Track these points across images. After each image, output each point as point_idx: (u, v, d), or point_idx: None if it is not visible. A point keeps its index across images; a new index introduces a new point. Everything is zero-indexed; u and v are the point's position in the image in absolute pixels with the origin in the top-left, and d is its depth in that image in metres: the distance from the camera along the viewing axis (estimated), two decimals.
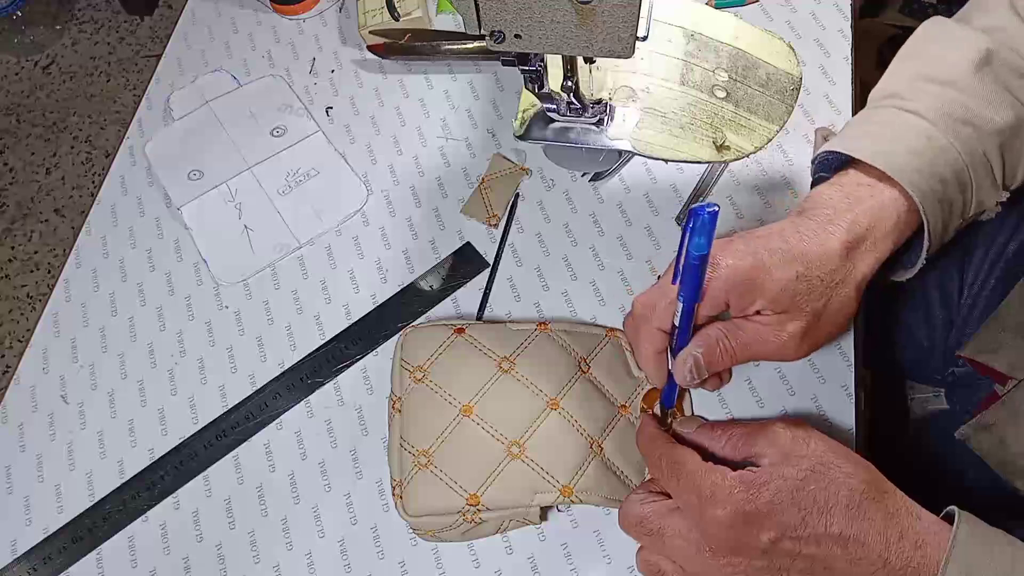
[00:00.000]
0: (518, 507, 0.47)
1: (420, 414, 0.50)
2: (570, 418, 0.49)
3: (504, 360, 0.51)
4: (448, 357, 0.52)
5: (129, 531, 0.53)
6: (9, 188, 1.57)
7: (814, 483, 0.38)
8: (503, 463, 0.48)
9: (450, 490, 0.47)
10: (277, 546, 0.51)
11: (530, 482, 0.47)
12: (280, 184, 0.64)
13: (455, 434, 0.49)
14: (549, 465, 0.48)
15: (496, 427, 0.49)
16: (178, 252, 0.63)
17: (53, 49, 1.72)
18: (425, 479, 0.48)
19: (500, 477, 0.47)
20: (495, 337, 0.53)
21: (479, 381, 0.50)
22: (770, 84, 0.59)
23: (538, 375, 0.51)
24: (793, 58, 0.60)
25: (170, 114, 0.69)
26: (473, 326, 0.53)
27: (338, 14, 0.73)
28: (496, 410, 0.49)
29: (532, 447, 0.48)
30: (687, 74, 0.60)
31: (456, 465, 0.48)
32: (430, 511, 0.47)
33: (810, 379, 0.52)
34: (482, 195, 0.61)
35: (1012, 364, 0.53)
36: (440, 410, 0.50)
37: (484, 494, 0.47)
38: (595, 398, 0.51)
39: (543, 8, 0.43)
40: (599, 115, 0.59)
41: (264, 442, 0.55)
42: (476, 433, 0.49)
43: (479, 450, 0.48)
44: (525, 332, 0.53)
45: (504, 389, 0.50)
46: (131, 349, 0.59)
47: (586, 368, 0.52)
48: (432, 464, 0.48)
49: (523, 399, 0.50)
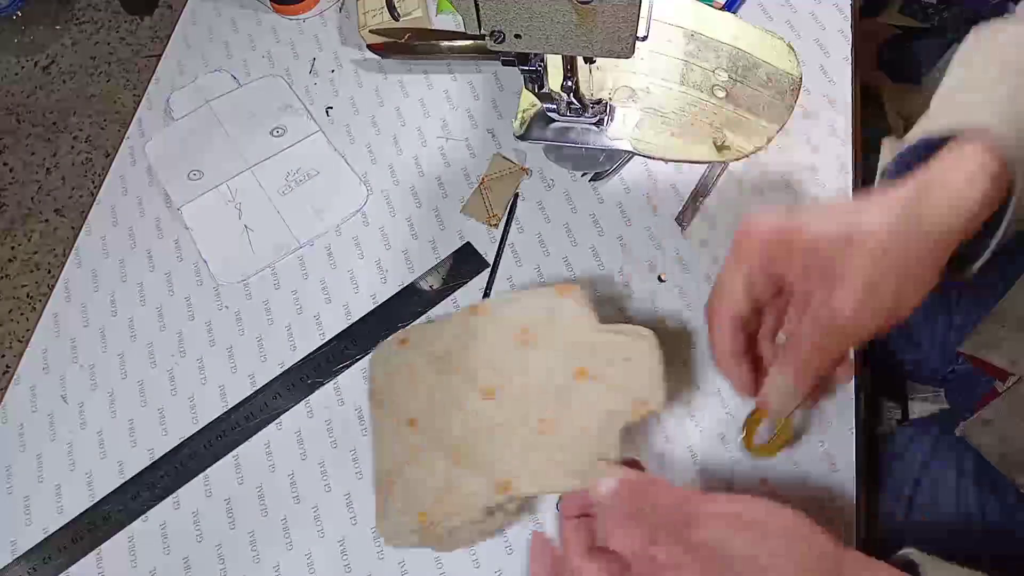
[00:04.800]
0: (467, 516, 0.44)
1: (380, 438, 0.49)
2: (510, 403, 0.45)
3: (440, 359, 0.48)
4: (395, 373, 0.50)
5: (129, 531, 0.53)
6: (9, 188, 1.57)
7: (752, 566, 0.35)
8: (448, 473, 0.45)
9: (406, 512, 0.46)
10: (277, 546, 0.51)
11: (472, 485, 0.44)
12: (280, 184, 0.64)
13: (406, 453, 0.47)
14: (489, 462, 0.44)
15: (438, 435, 0.46)
16: (178, 252, 0.63)
17: (53, 49, 1.72)
18: (389, 506, 0.47)
19: (444, 488, 0.45)
20: (433, 337, 0.50)
21: (422, 390, 0.48)
22: (770, 84, 0.59)
23: (471, 365, 0.47)
24: (793, 58, 0.60)
25: (170, 114, 0.69)
26: (416, 331, 0.51)
27: (338, 14, 0.73)
28: (437, 417, 0.47)
29: (469, 448, 0.45)
30: (687, 74, 0.60)
31: (410, 485, 0.46)
32: (395, 536, 0.47)
33: None
34: (482, 195, 0.61)
35: (1012, 360, 0.53)
36: (393, 430, 0.48)
37: (434, 508, 0.45)
38: (542, 370, 0.45)
39: (543, 8, 0.43)
40: (599, 115, 0.59)
41: (264, 442, 0.55)
42: (423, 447, 0.46)
43: (428, 465, 0.46)
44: (460, 322, 0.49)
45: (442, 392, 0.47)
46: (131, 349, 0.59)
47: (527, 339, 0.46)
48: (392, 489, 0.47)
49: (457, 398, 0.46)
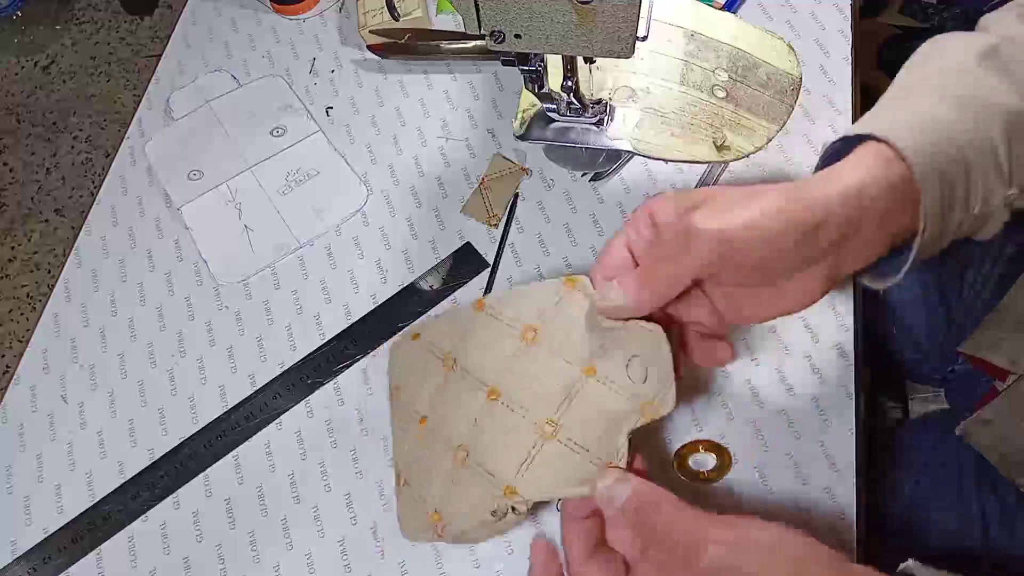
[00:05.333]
0: (476, 518, 0.43)
1: (398, 434, 0.49)
2: (513, 404, 0.43)
3: (447, 357, 0.47)
4: (410, 367, 0.50)
5: (129, 531, 0.53)
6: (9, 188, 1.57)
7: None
8: (453, 473, 0.44)
9: (420, 510, 0.45)
10: (277, 546, 0.51)
11: (478, 488, 0.43)
12: (280, 184, 0.64)
13: (418, 449, 0.47)
14: (493, 465, 0.43)
15: (445, 434, 0.45)
16: (178, 252, 0.63)
17: (53, 49, 1.72)
18: (405, 502, 0.47)
19: (452, 488, 0.44)
20: (442, 332, 0.49)
21: (430, 387, 0.47)
22: (770, 84, 0.59)
23: (476, 364, 0.45)
24: (793, 58, 0.60)
25: (170, 114, 0.69)
26: (427, 326, 0.50)
27: (338, 14, 0.73)
28: (444, 416, 0.46)
29: (474, 449, 0.44)
30: (687, 74, 0.60)
31: (421, 482, 0.46)
32: (413, 533, 0.46)
33: (810, 379, 0.52)
34: (482, 195, 0.61)
35: (1012, 359, 0.53)
36: (408, 426, 0.48)
37: (443, 510, 0.44)
38: (547, 369, 0.44)
39: (543, 8, 0.43)
40: (599, 115, 0.59)
41: (264, 442, 0.55)
42: (431, 445, 0.46)
43: (435, 463, 0.45)
44: (464, 317, 0.48)
45: (450, 390, 0.46)
46: (131, 349, 0.59)
47: (533, 336, 0.44)
48: (407, 485, 0.47)
49: (464, 397, 0.45)
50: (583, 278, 0.44)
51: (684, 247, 0.38)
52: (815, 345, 0.53)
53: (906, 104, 0.41)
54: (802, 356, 0.53)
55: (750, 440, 0.51)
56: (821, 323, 0.54)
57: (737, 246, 0.37)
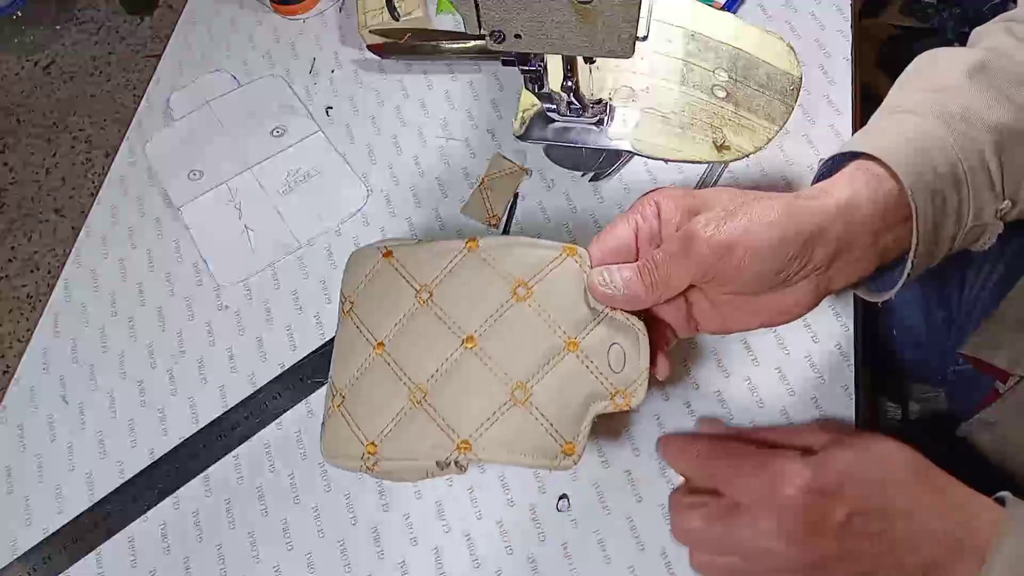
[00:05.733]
0: (415, 461, 0.42)
1: (343, 350, 0.46)
2: (487, 358, 0.42)
3: (423, 288, 0.45)
4: (373, 285, 0.47)
5: (129, 531, 0.53)
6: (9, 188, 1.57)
7: (868, 462, 0.39)
8: (406, 411, 0.43)
9: (353, 436, 0.44)
10: (277, 546, 0.51)
11: (431, 434, 0.42)
12: (280, 184, 0.64)
13: (366, 375, 0.44)
14: (451, 415, 0.42)
15: (405, 369, 0.43)
16: (178, 252, 0.63)
17: (53, 49, 1.72)
18: (336, 422, 0.45)
19: (401, 427, 0.42)
20: (421, 261, 0.46)
21: (396, 314, 0.45)
22: (770, 84, 0.59)
23: (457, 306, 0.44)
24: (793, 58, 0.60)
25: (170, 114, 0.69)
26: (401, 247, 0.47)
27: (338, 14, 0.73)
28: (407, 349, 0.44)
29: (437, 393, 0.42)
30: (687, 74, 0.60)
31: (362, 409, 0.44)
32: (337, 455, 0.44)
33: (810, 379, 0.52)
34: (482, 195, 0.61)
35: (1013, 360, 0.53)
36: (357, 347, 0.45)
37: (383, 445, 0.42)
38: (531, 330, 0.42)
39: (543, 8, 0.43)
40: (599, 115, 0.59)
41: (264, 442, 0.55)
42: (385, 375, 0.44)
43: (386, 395, 0.43)
44: (451, 253, 0.45)
45: (419, 325, 0.44)
46: (131, 349, 0.59)
47: (524, 293, 0.43)
48: (343, 406, 0.45)
49: (435, 336, 0.43)
50: (583, 250, 0.43)
51: (685, 251, 0.39)
52: (815, 345, 0.53)
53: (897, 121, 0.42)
54: (802, 356, 0.53)
55: None
56: (821, 323, 0.54)
57: (737, 254, 0.37)
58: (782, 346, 0.53)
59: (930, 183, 0.39)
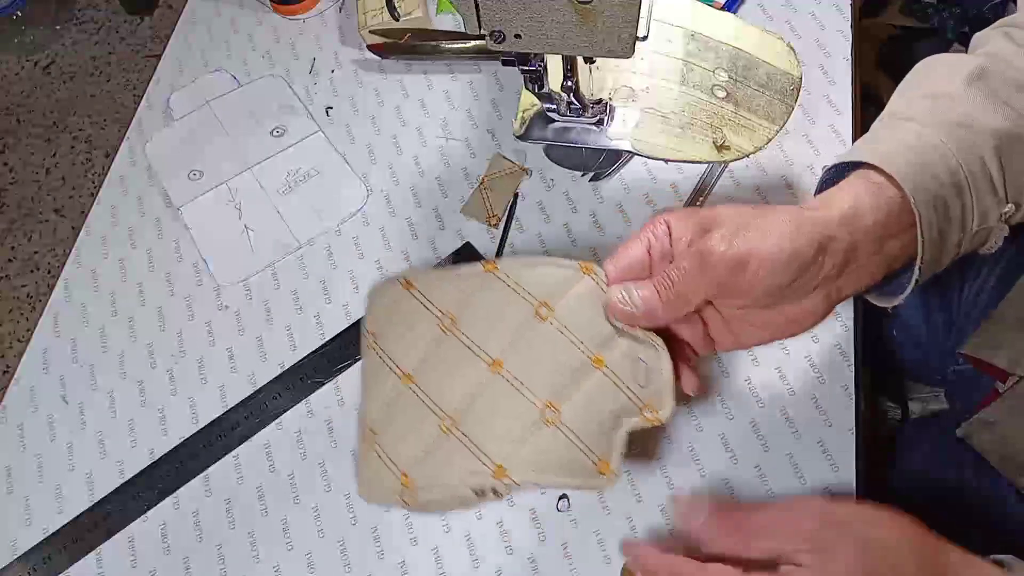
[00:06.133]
0: (450, 489, 0.41)
1: (369, 385, 0.46)
2: (515, 380, 0.42)
3: (445, 315, 0.45)
4: (396, 317, 0.46)
5: (129, 531, 0.53)
6: (9, 188, 1.57)
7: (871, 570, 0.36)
8: (437, 440, 0.42)
9: (386, 468, 0.43)
10: (277, 546, 0.51)
11: (463, 462, 0.41)
12: (280, 184, 0.64)
13: (395, 406, 0.44)
14: (483, 440, 0.41)
15: (433, 397, 0.43)
16: (178, 252, 0.63)
17: (53, 49, 1.72)
18: (369, 458, 0.44)
19: (434, 456, 0.42)
20: (441, 288, 0.46)
21: (421, 343, 0.45)
22: (770, 84, 0.59)
23: (480, 330, 0.43)
24: (793, 58, 0.60)
25: (170, 114, 0.69)
26: (422, 277, 0.47)
27: (338, 14, 0.73)
28: (434, 377, 0.44)
29: (466, 419, 0.42)
30: (687, 74, 0.60)
31: (393, 441, 0.43)
32: (372, 490, 0.44)
33: (810, 379, 0.52)
34: (482, 195, 0.61)
35: (1013, 360, 0.53)
36: (384, 379, 0.45)
37: (416, 474, 0.42)
38: (556, 349, 0.42)
39: (543, 8, 0.43)
40: (599, 115, 0.59)
41: (264, 442, 0.55)
42: (414, 405, 0.43)
43: (416, 425, 0.43)
44: (470, 278, 0.45)
45: (444, 352, 0.44)
46: (131, 349, 0.59)
47: (546, 312, 0.43)
48: (376, 442, 0.44)
49: (460, 362, 0.43)
50: (599, 268, 0.43)
51: (700, 267, 0.39)
52: (815, 345, 0.53)
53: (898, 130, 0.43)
54: (802, 356, 0.53)
55: (750, 440, 0.51)
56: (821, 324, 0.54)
57: (751, 268, 0.38)
58: (782, 346, 0.53)
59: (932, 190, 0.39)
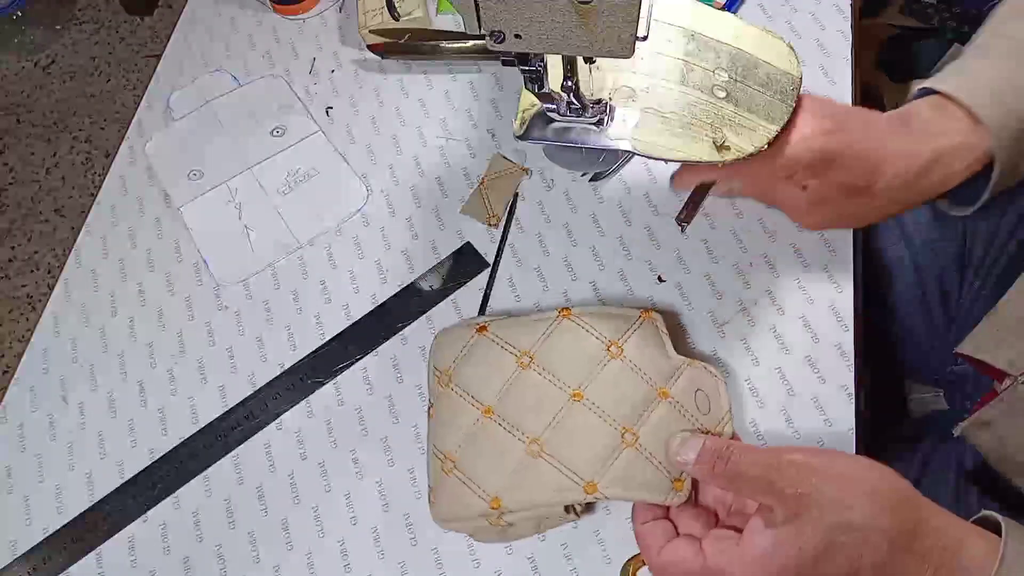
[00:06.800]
0: (542, 508, 0.46)
1: (446, 419, 0.49)
2: (595, 408, 0.47)
3: (523, 355, 0.50)
4: (470, 357, 0.51)
5: (129, 531, 0.53)
6: (9, 188, 1.57)
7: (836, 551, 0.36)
8: (524, 463, 0.46)
9: (473, 495, 0.46)
10: (277, 546, 0.51)
11: (553, 480, 0.45)
12: (280, 184, 0.64)
13: (477, 437, 0.48)
14: (571, 461, 0.46)
15: (517, 426, 0.47)
16: (178, 252, 0.63)
17: (53, 49, 1.72)
18: (450, 485, 0.47)
19: (522, 478, 0.46)
20: (517, 331, 0.51)
21: (499, 380, 0.49)
22: (770, 84, 0.59)
23: (559, 366, 0.49)
24: (793, 58, 0.60)
25: (170, 114, 0.69)
26: (496, 322, 0.52)
27: (338, 14, 0.73)
28: (516, 409, 0.48)
29: (553, 443, 0.46)
30: (687, 74, 0.60)
31: (478, 469, 0.47)
32: (456, 517, 0.47)
33: (810, 379, 0.52)
34: (482, 195, 0.61)
35: (1011, 361, 0.53)
36: (463, 413, 0.49)
37: (506, 497, 0.46)
38: (628, 383, 0.48)
39: (543, 8, 0.43)
40: (599, 115, 0.59)
41: (264, 442, 0.55)
42: (497, 434, 0.48)
43: (500, 452, 0.47)
44: (546, 322, 0.51)
45: (524, 386, 0.49)
46: (131, 349, 0.59)
47: (617, 351, 0.49)
48: (456, 469, 0.47)
49: (543, 394, 0.48)
50: (656, 314, 0.51)
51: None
52: (815, 345, 0.53)
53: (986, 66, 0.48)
54: (802, 356, 0.53)
55: (750, 440, 0.51)
56: (821, 323, 0.54)
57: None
58: (782, 346, 0.53)
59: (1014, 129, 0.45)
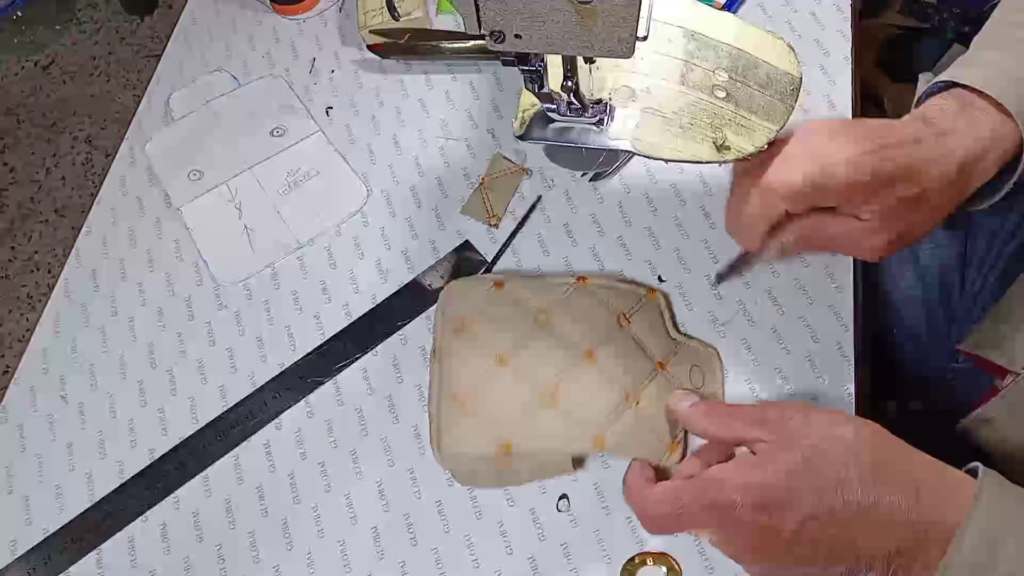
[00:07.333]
0: (549, 455, 0.48)
1: (458, 363, 0.52)
2: (606, 369, 0.50)
3: (540, 312, 0.52)
4: (487, 310, 0.53)
5: (129, 531, 0.53)
6: (9, 188, 1.57)
7: (820, 460, 0.37)
8: (536, 412, 0.49)
9: (483, 434, 0.49)
10: (277, 546, 0.51)
11: (562, 431, 0.48)
12: (280, 184, 0.64)
13: (491, 382, 0.50)
14: (581, 414, 0.49)
15: (531, 377, 0.50)
16: (178, 252, 0.63)
17: (53, 49, 1.72)
18: (460, 423, 0.50)
19: (532, 425, 0.49)
20: (534, 290, 0.54)
21: (516, 333, 0.52)
22: (770, 84, 0.59)
23: (574, 327, 0.52)
24: (793, 58, 0.60)
25: (170, 114, 0.69)
26: (512, 280, 0.55)
27: (338, 14, 0.73)
28: (531, 361, 0.51)
29: (565, 397, 0.49)
30: (687, 74, 0.60)
31: (490, 411, 0.49)
32: (463, 454, 0.49)
33: (810, 379, 0.52)
34: (482, 195, 0.61)
35: (1012, 358, 0.53)
36: (477, 359, 0.51)
37: (516, 440, 0.48)
38: (633, 353, 0.51)
39: (543, 8, 0.43)
40: (599, 115, 0.59)
41: (264, 442, 0.55)
42: (511, 382, 0.50)
43: (513, 399, 0.50)
44: (563, 285, 0.54)
45: (540, 341, 0.51)
46: (131, 349, 0.59)
47: (625, 323, 0.52)
48: (467, 409, 0.50)
49: (558, 350, 0.51)
50: (661, 292, 0.55)
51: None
52: (815, 345, 0.53)
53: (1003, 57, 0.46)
54: (802, 356, 0.53)
55: None
56: (821, 323, 0.54)
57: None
58: (782, 346, 0.53)
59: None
